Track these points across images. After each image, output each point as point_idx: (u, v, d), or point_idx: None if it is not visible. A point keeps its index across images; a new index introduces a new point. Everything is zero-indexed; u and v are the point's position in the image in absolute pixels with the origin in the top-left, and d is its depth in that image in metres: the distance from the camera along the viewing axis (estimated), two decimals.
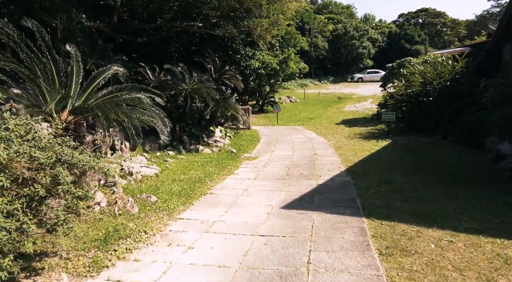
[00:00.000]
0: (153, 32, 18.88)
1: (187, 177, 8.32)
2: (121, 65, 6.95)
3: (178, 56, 18.67)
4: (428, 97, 14.42)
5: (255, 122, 20.38)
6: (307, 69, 23.53)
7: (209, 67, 15.00)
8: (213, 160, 10.43)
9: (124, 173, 7.64)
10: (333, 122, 19.43)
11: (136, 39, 18.01)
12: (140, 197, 6.31)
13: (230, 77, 14.90)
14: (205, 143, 12.30)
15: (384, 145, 12.90)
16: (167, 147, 11.71)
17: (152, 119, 6.42)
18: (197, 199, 6.71)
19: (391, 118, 14.92)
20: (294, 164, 9.99)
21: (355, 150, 12.05)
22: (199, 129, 12.28)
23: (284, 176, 8.57)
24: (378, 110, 20.38)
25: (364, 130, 16.68)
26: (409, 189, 7.10)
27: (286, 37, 22.27)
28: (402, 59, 19.38)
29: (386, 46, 44.33)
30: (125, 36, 17.74)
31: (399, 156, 10.76)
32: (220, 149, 11.98)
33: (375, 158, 10.52)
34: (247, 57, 18.94)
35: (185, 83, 11.31)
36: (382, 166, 9.37)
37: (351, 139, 14.23)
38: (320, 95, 30.58)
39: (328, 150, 12.14)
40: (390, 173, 8.60)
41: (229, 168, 9.50)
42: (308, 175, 8.51)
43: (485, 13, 50.99)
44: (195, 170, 9.16)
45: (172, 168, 9.31)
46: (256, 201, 6.59)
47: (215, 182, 7.98)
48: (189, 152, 11.59)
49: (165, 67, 11.74)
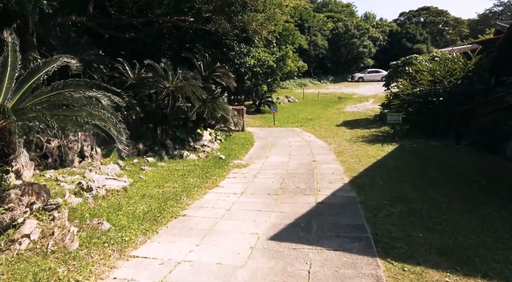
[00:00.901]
0: (142, 28, 17.49)
1: (160, 192, 6.88)
2: (73, 57, 5.50)
3: (171, 53, 17.25)
4: (438, 96, 12.99)
5: (250, 123, 18.95)
6: (306, 67, 22.10)
7: (198, 64, 13.58)
8: (197, 168, 9.00)
9: (80, 188, 6.21)
10: (333, 124, 17.99)
11: (123, 35, 16.62)
12: (90, 224, 4.88)
13: (222, 75, 13.47)
14: (191, 147, 10.88)
15: (391, 149, 11.47)
16: (147, 153, 10.29)
17: (105, 124, 4.98)
18: (165, 224, 5.28)
19: (397, 120, 13.49)
20: (289, 173, 8.56)
21: (358, 155, 10.62)
22: (185, 133, 10.86)
23: (277, 189, 7.14)
24: (382, 111, 18.97)
25: (367, 132, 15.24)
26: (428, 209, 5.67)
27: (284, 34, 20.84)
28: (408, 57, 17.93)
29: (387, 45, 42.82)
30: (112, 31, 16.35)
31: (409, 163, 9.33)
32: (208, 154, 10.55)
33: (382, 166, 9.09)
34: (241, 54, 17.52)
35: (168, 81, 9.88)
36: (391, 177, 7.94)
37: (353, 143, 12.79)
38: (319, 95, 29.14)
39: (328, 156, 10.71)
40: (401, 185, 7.17)
41: (214, 179, 8.07)
42: (306, 189, 7.08)
43: (487, 12, 49.49)
44: (174, 181, 7.73)
45: (147, 179, 7.88)
46: (239, 226, 5.16)
47: (193, 199, 6.55)
48: (172, 158, 10.16)
49: (145, 62, 10.31)
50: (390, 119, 13.58)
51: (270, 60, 18.13)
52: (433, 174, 8.04)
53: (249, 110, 22.95)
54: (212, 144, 11.56)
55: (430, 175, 8.03)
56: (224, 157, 10.23)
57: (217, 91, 11.47)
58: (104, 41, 16.61)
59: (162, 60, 10.64)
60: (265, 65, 18.07)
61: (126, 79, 9.96)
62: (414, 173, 8.24)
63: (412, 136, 13.76)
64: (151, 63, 10.30)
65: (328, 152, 11.33)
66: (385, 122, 17.45)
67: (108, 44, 16.28)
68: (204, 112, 10.03)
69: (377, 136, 14.22)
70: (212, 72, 13.25)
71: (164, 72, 10.46)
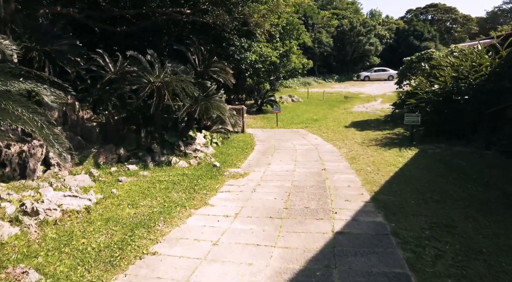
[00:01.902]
0: (136, 21, 15.95)
1: (132, 214, 5.32)
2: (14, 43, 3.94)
3: (168, 50, 15.70)
4: (462, 95, 11.34)
5: (251, 124, 17.35)
6: (311, 64, 20.46)
7: (193, 58, 12.00)
8: (185, 178, 7.43)
9: (22, 212, 4.66)
10: (341, 125, 16.36)
11: (115, 28, 15.09)
12: (11, 273, 3.32)
13: (219, 70, 11.89)
14: (182, 152, 9.31)
15: (411, 155, 9.85)
16: (129, 159, 8.74)
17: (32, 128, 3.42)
18: (124, 269, 3.71)
19: (415, 121, 11.84)
20: (296, 186, 6.97)
21: (375, 162, 9.01)
22: (174, 136, 9.29)
23: (280, 210, 5.55)
24: (394, 111, 17.32)
25: (380, 135, 13.60)
26: (491, 248, 4.06)
27: (288, 28, 19.22)
28: (423, 52, 16.26)
29: (394, 43, 40.93)
30: (102, 24, 14.82)
31: (438, 174, 7.72)
32: (200, 161, 8.98)
33: (407, 178, 7.47)
34: (242, 49, 15.92)
35: (152, 75, 8.32)
36: (423, 193, 6.33)
37: (366, 147, 11.17)
38: (325, 95, 27.46)
39: (340, 163, 9.11)
40: (440, 207, 5.56)
41: (204, 194, 6.49)
42: (317, 210, 5.49)
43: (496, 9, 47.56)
44: (153, 197, 6.17)
45: (121, 194, 6.33)
46: (229, 275, 3.59)
47: (172, 225, 4.97)
48: (159, 165, 8.60)
49: (128, 54, 8.75)
50: (408, 120, 11.93)
51: (272, 56, 16.51)
52: (476, 191, 6.42)
53: (251, 110, 21.36)
54: (206, 148, 9.98)
55: (472, 191, 6.41)
56: (218, 164, 8.65)
57: (212, 88, 9.90)
58: (96, 37, 15.12)
59: (148, 51, 9.08)
60: (268, 61, 16.46)
61: (103, 74, 8.42)
62: (450, 189, 6.61)
63: (431, 139, 12.12)
64: (134, 55, 8.74)
65: (339, 158, 9.73)
66: (398, 124, 15.84)
67: (100, 39, 14.75)
68: (195, 111, 8.45)
69: (392, 140, 12.59)
70: (208, 67, 11.67)
71: (150, 65, 8.90)
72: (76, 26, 14.74)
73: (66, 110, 9.19)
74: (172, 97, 8.27)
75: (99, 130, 9.49)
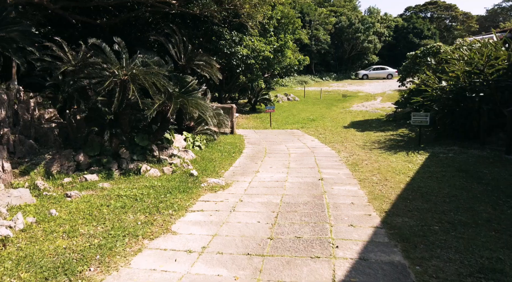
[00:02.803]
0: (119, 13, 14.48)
1: (62, 248, 3.88)
2: None
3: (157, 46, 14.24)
4: (478, 92, 9.96)
5: (243, 124, 15.93)
6: (307, 61, 19.03)
7: (175, 51, 10.54)
8: (151, 192, 5.99)
9: None
10: (339, 125, 14.96)
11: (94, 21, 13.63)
12: None
13: (204, 64, 10.44)
14: (155, 158, 7.87)
15: (421, 161, 8.45)
16: (91, 166, 7.30)
17: None
18: None
19: (423, 121, 10.44)
20: (286, 203, 5.54)
21: (381, 170, 7.61)
22: (146, 138, 7.84)
23: (264, 241, 4.12)
24: (396, 110, 15.94)
25: (383, 136, 12.21)
26: None
27: (283, 22, 17.76)
28: (429, 46, 14.84)
29: (393, 41, 39.47)
30: (80, 16, 13.34)
31: (459, 186, 6.32)
32: (176, 168, 7.53)
33: (422, 190, 6.07)
34: (232, 43, 14.47)
35: (114, 66, 6.85)
36: (446, 212, 4.93)
37: (369, 151, 9.78)
38: (322, 93, 26.07)
39: (340, 170, 7.70)
40: (473, 233, 4.17)
41: (169, 215, 5.05)
42: (312, 241, 4.06)
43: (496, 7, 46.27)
44: (101, 221, 4.72)
45: (62, 215, 4.88)
46: None
47: (109, 268, 3.52)
48: (126, 173, 7.16)
49: (90, 42, 7.28)
50: (415, 120, 10.53)
51: (266, 51, 15.06)
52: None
53: (243, 109, 19.95)
54: (186, 152, 8.53)
55: (506, 210, 5.01)
56: (196, 173, 7.20)
57: (192, 83, 8.45)
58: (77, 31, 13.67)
59: (115, 39, 7.61)
60: (260, 57, 15.01)
61: (62, 65, 6.96)
62: (478, 206, 5.21)
63: (441, 141, 10.75)
64: (97, 44, 7.27)
65: (339, 164, 8.32)
66: (401, 124, 14.47)
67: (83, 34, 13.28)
68: (168, 110, 6.99)
69: (396, 142, 11.20)
70: (191, 60, 10.22)
71: (116, 56, 7.44)
72: (54, 20, 13.28)
73: (17, 109, 7.73)
74: (140, 93, 6.82)
75: (59, 133, 8.04)
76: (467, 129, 10.55)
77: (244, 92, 20.66)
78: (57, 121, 8.45)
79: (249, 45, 14.58)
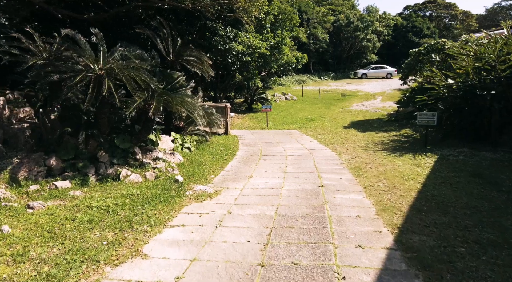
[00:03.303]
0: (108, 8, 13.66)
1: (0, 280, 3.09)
2: None
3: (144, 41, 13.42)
4: (489, 90, 9.20)
5: (238, 124, 15.14)
6: (306, 59, 18.25)
7: (163, 45, 9.73)
8: (127, 202, 5.18)
9: None
10: (339, 125, 14.18)
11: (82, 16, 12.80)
12: None
13: (194, 60, 9.64)
14: (138, 162, 7.06)
15: (430, 164, 7.68)
16: (65, 171, 6.49)
17: None
18: None
19: (430, 121, 9.67)
20: (282, 215, 4.75)
21: (387, 175, 6.84)
22: (128, 140, 7.03)
23: (253, 269, 3.33)
24: (398, 109, 15.19)
25: (386, 137, 11.44)
26: None
27: (280, 18, 16.97)
28: (433, 42, 14.08)
29: (392, 40, 38.73)
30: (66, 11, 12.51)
31: (477, 195, 5.55)
32: (160, 173, 6.72)
33: (437, 200, 5.29)
34: (227, 39, 13.67)
35: (91, 60, 6.05)
36: (470, 228, 4.16)
37: (372, 153, 9.01)
38: (320, 92, 25.30)
39: (342, 175, 6.92)
40: (509, 258, 3.40)
41: (142, 232, 4.24)
42: (313, 269, 3.27)
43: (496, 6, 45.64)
44: (60, 239, 3.92)
45: (16, 232, 4.08)
46: None
47: None
48: (104, 179, 6.36)
49: (63, 33, 6.47)
50: (421, 120, 9.76)
51: (262, 47, 14.26)
52: None
53: (239, 109, 19.15)
54: (172, 156, 7.72)
55: None
56: (182, 179, 6.40)
57: (179, 80, 7.65)
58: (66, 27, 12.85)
59: (92, 31, 6.80)
60: (256, 54, 14.21)
61: (30, 58, 6.15)
62: (505, 220, 4.44)
63: (448, 142, 9.99)
64: (70, 35, 6.45)
65: (340, 168, 7.54)
66: (404, 124, 13.71)
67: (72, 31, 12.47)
68: (150, 109, 6.19)
69: (401, 143, 10.43)
70: (180, 56, 9.40)
71: (93, 49, 6.64)
72: (41, 15, 12.46)
73: None
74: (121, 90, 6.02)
75: (31, 134, 7.22)
76: (477, 127, 9.79)
77: (241, 91, 19.87)
78: (30, 121, 7.63)
79: (244, 41, 13.78)
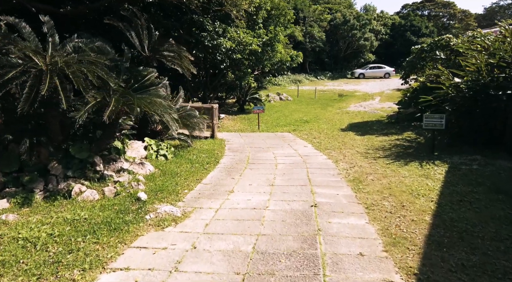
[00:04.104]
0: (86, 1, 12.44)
1: None
2: None
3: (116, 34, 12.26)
4: (504, 89, 8.10)
5: (228, 126, 13.99)
6: (301, 57, 17.13)
7: (138, 39, 8.55)
8: (66, 233, 4.02)
9: None
10: (336, 128, 13.05)
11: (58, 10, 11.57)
12: None
13: (173, 56, 8.47)
14: (99, 174, 5.89)
15: (441, 176, 6.56)
16: (6, 187, 5.31)
17: None
18: None
19: (438, 124, 8.57)
20: (261, 252, 3.60)
21: (392, 189, 5.72)
22: (86, 148, 5.86)
23: None
24: (399, 110, 14.10)
25: (387, 141, 10.33)
26: None
27: (273, 13, 15.83)
28: (437, 38, 12.99)
29: (390, 39, 37.70)
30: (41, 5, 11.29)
31: (507, 219, 4.43)
32: (121, 189, 5.55)
33: (460, 228, 4.16)
34: (215, 34, 12.51)
35: (34, 53, 4.87)
36: (511, 274, 3.04)
37: (373, 161, 7.88)
38: (317, 93, 24.17)
39: (339, 189, 5.79)
40: None
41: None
42: None
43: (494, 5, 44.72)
44: None
45: None
46: None
47: None
48: (52, 196, 5.18)
49: (3, 20, 5.29)
50: (427, 123, 8.65)
51: (253, 44, 13.12)
52: None
53: (231, 110, 17.98)
54: (141, 166, 6.55)
55: None
56: (145, 197, 5.24)
57: (150, 77, 6.49)
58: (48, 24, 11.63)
59: (42, 18, 5.64)
60: (247, 50, 13.06)
61: None
62: None
63: (457, 148, 8.88)
64: (12, 23, 5.28)
65: (337, 180, 6.41)
66: (406, 126, 12.60)
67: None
68: (108, 111, 5.01)
69: (404, 148, 9.32)
70: (157, 51, 8.24)
71: (42, 39, 5.47)
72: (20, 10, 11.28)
73: None
74: (64, 88, 4.85)
75: None
76: (489, 131, 8.69)
77: (233, 91, 18.73)
78: None
79: (233, 37, 12.63)
